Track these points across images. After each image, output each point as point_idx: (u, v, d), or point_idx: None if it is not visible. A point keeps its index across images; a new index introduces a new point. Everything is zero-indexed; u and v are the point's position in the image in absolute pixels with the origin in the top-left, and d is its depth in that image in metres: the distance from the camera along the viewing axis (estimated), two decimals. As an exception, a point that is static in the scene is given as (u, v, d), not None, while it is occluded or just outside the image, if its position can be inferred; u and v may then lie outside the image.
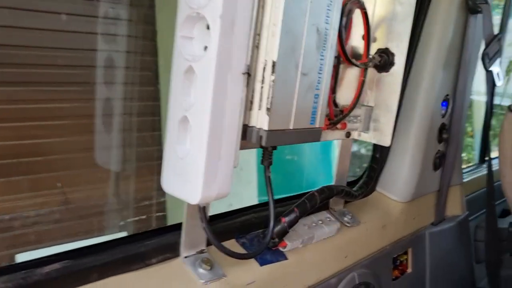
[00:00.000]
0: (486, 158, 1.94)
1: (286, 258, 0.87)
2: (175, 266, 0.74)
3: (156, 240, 0.75)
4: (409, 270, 1.28)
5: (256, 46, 0.67)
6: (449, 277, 1.47)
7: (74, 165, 1.74)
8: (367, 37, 0.97)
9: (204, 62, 0.61)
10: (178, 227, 0.78)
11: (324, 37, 0.73)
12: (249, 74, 0.65)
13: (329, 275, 0.97)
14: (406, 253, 1.28)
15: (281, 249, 0.88)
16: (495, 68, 1.38)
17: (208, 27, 0.62)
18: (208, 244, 0.79)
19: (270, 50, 0.66)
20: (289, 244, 0.88)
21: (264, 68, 0.67)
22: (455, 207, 1.50)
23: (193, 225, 0.75)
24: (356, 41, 0.98)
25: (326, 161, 3.62)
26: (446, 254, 1.44)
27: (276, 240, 0.85)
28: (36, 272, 0.63)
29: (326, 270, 0.97)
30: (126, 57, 1.98)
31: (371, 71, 1.01)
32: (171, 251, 0.75)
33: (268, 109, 0.67)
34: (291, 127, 0.72)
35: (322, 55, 0.74)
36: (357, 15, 0.96)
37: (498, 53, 1.38)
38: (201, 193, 0.63)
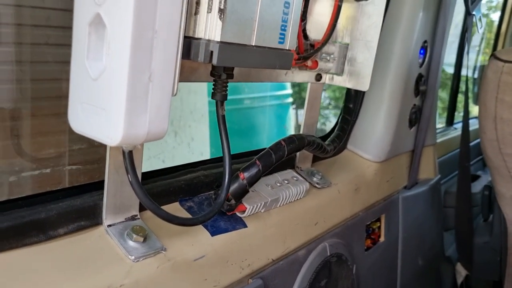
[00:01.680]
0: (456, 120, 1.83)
1: (245, 226, 0.69)
2: (94, 237, 0.54)
3: (66, 203, 0.54)
4: (382, 239, 1.14)
5: None
6: (420, 247, 1.34)
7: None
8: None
9: None
10: (99, 186, 0.57)
11: None
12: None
13: (297, 246, 0.80)
14: (379, 219, 1.13)
15: (238, 214, 0.69)
16: (477, 12, 1.23)
17: None
18: (142, 208, 0.59)
19: None
20: (248, 208, 0.69)
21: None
22: (428, 169, 1.36)
23: (119, 182, 0.55)
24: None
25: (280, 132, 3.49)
26: (417, 221, 1.30)
27: (233, 202, 0.65)
28: None
29: (294, 240, 0.79)
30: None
31: (347, 4, 0.83)
32: (88, 217, 0.55)
33: (221, 11, 0.47)
34: (252, 43, 0.52)
35: None
36: None
37: (480, -4, 1.23)
38: (123, 129, 0.43)
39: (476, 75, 2.73)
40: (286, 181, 0.81)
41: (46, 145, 0.70)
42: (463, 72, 1.90)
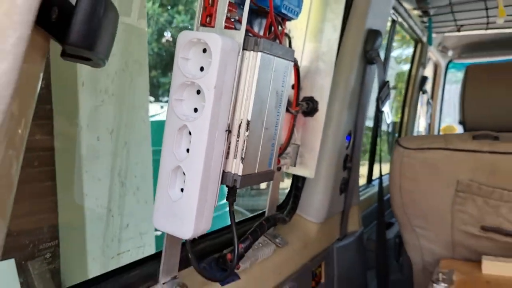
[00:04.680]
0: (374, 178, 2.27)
1: (239, 278, 1.03)
2: (156, 292, 0.86)
3: (138, 270, 0.86)
4: (323, 280, 1.50)
5: (233, 108, 0.82)
6: (351, 284, 1.73)
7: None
8: (297, 89, 1.17)
9: (199, 121, 0.75)
10: (153, 257, 0.89)
11: (280, 97, 0.91)
12: (229, 131, 0.80)
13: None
14: (320, 266, 1.50)
15: (235, 270, 1.03)
16: (385, 108, 1.68)
17: (198, 92, 0.76)
18: (179, 269, 0.91)
19: (244, 111, 0.82)
20: (241, 266, 1.03)
21: (239, 126, 0.82)
22: (354, 224, 1.76)
23: (170, 255, 0.87)
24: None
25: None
26: (348, 264, 1.69)
27: (236, 263, 0.99)
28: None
29: (267, 285, 1.13)
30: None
31: (300, 116, 1.21)
32: (152, 279, 0.86)
33: (242, 159, 0.83)
34: (256, 171, 0.88)
35: (278, 112, 0.92)
36: (291, 71, 1.15)
37: (388, 96, 1.68)
38: (193, 230, 0.76)
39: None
40: (260, 244, 1.16)
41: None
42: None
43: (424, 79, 2.88)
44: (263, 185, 4.12)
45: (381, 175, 1.87)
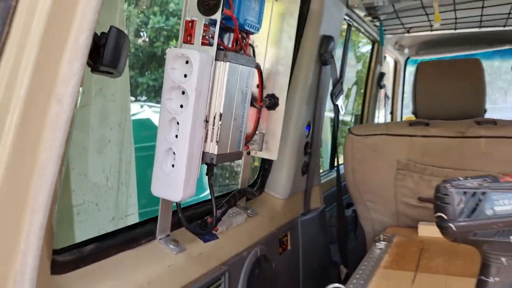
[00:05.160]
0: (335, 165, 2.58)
1: (217, 238, 1.31)
2: (154, 245, 1.13)
3: (141, 229, 1.13)
4: (289, 247, 1.79)
5: (209, 104, 1.10)
6: (314, 254, 2.02)
7: None
8: (261, 87, 1.46)
9: (184, 115, 1.03)
10: (151, 220, 1.17)
11: (245, 95, 1.20)
12: (207, 121, 1.08)
13: (242, 249, 1.42)
14: (286, 235, 1.79)
15: (214, 232, 1.31)
16: (339, 102, 1.98)
17: (183, 93, 1.04)
18: (171, 230, 1.19)
19: (218, 106, 1.10)
20: (219, 228, 1.31)
21: (214, 117, 1.10)
22: (316, 201, 2.06)
23: (164, 217, 1.15)
24: (253, 88, 1.46)
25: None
26: (312, 235, 1.98)
27: (215, 225, 1.27)
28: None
29: (240, 246, 1.41)
30: None
31: (264, 110, 1.50)
32: (151, 235, 1.14)
33: (217, 142, 1.11)
34: (228, 151, 1.16)
35: (244, 106, 1.20)
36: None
37: (341, 92, 1.98)
38: (182, 194, 1.04)
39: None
40: (234, 213, 1.44)
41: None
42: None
43: (381, 75, 3.19)
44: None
45: (338, 162, 2.18)
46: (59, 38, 0.64)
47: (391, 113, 3.79)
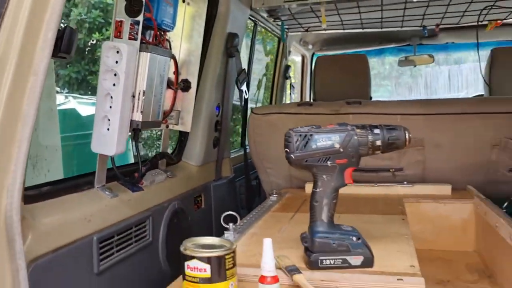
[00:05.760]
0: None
1: (143, 190, 1.68)
2: (94, 191, 1.48)
3: (82, 179, 1.48)
4: (203, 206, 2.20)
5: (135, 83, 1.47)
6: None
7: None
8: (177, 74, 1.84)
9: (116, 91, 1.39)
10: (91, 174, 1.52)
11: (163, 78, 1.58)
12: (134, 96, 1.45)
13: (163, 201, 1.80)
14: (200, 196, 2.19)
15: (140, 185, 1.68)
16: (243, 87, 2.41)
17: (115, 75, 1.40)
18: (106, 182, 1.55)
19: (141, 85, 1.48)
20: (144, 182, 1.68)
21: (139, 93, 1.48)
22: (226, 171, 2.48)
23: (101, 170, 1.50)
24: (170, 74, 1.84)
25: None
26: (223, 198, 2.40)
27: (140, 179, 1.65)
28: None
29: (161, 199, 1.79)
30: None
31: (179, 91, 1.89)
32: (90, 185, 1.49)
33: (141, 112, 1.48)
34: (150, 120, 1.54)
35: (162, 86, 1.59)
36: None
37: (245, 79, 2.41)
38: (115, 150, 1.41)
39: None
40: (156, 173, 1.82)
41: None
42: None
43: (287, 67, 3.68)
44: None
45: (245, 140, 2.61)
46: (35, 34, 1.00)
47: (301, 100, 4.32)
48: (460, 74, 7.63)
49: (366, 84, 3.23)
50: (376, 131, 1.17)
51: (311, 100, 3.44)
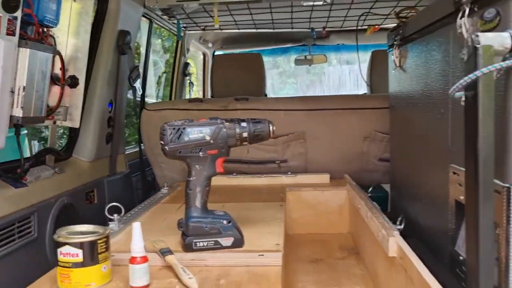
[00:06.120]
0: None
1: (27, 186, 1.67)
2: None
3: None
4: (96, 201, 2.21)
5: (14, 79, 1.47)
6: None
7: None
8: (63, 70, 1.86)
9: (-7, 86, 1.39)
10: None
11: (45, 74, 1.59)
12: (13, 92, 1.46)
13: (49, 197, 1.81)
14: (93, 191, 2.20)
15: (24, 181, 1.68)
16: (137, 84, 2.45)
17: (-8, 71, 1.41)
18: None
19: (21, 80, 1.48)
20: (28, 178, 1.68)
21: (19, 89, 1.48)
22: (121, 166, 2.51)
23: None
24: (57, 70, 1.85)
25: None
26: (118, 194, 2.42)
27: (23, 175, 1.65)
28: None
29: (47, 194, 1.79)
30: None
31: (67, 88, 1.90)
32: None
33: (22, 107, 1.49)
34: (31, 115, 1.55)
35: (44, 82, 1.60)
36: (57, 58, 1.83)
37: (138, 76, 2.45)
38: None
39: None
40: (43, 169, 1.82)
41: None
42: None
43: (186, 65, 3.76)
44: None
45: (140, 136, 2.66)
46: None
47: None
48: (354, 73, 8.19)
49: (261, 81, 3.40)
50: (243, 124, 1.30)
51: (210, 97, 3.54)
